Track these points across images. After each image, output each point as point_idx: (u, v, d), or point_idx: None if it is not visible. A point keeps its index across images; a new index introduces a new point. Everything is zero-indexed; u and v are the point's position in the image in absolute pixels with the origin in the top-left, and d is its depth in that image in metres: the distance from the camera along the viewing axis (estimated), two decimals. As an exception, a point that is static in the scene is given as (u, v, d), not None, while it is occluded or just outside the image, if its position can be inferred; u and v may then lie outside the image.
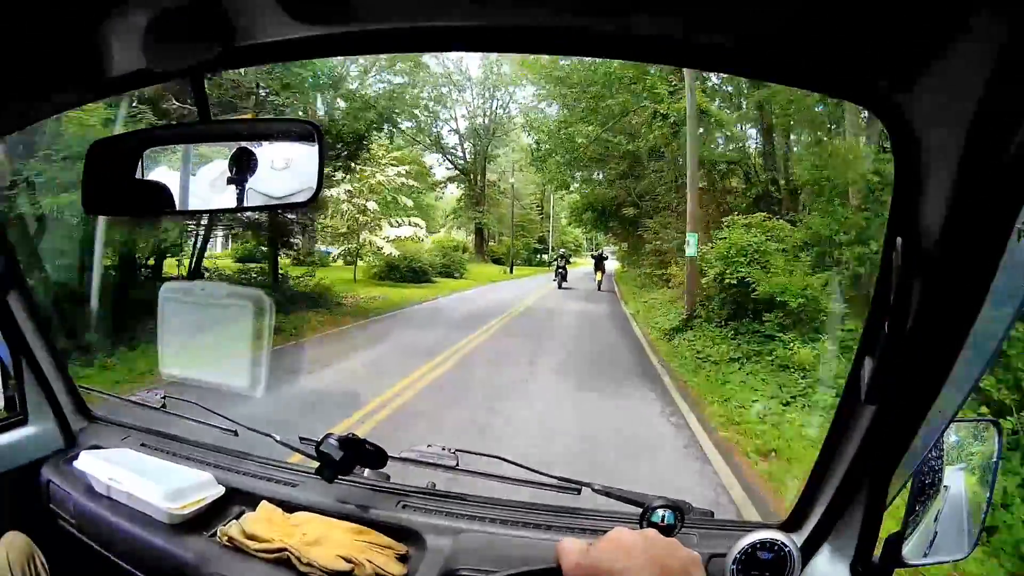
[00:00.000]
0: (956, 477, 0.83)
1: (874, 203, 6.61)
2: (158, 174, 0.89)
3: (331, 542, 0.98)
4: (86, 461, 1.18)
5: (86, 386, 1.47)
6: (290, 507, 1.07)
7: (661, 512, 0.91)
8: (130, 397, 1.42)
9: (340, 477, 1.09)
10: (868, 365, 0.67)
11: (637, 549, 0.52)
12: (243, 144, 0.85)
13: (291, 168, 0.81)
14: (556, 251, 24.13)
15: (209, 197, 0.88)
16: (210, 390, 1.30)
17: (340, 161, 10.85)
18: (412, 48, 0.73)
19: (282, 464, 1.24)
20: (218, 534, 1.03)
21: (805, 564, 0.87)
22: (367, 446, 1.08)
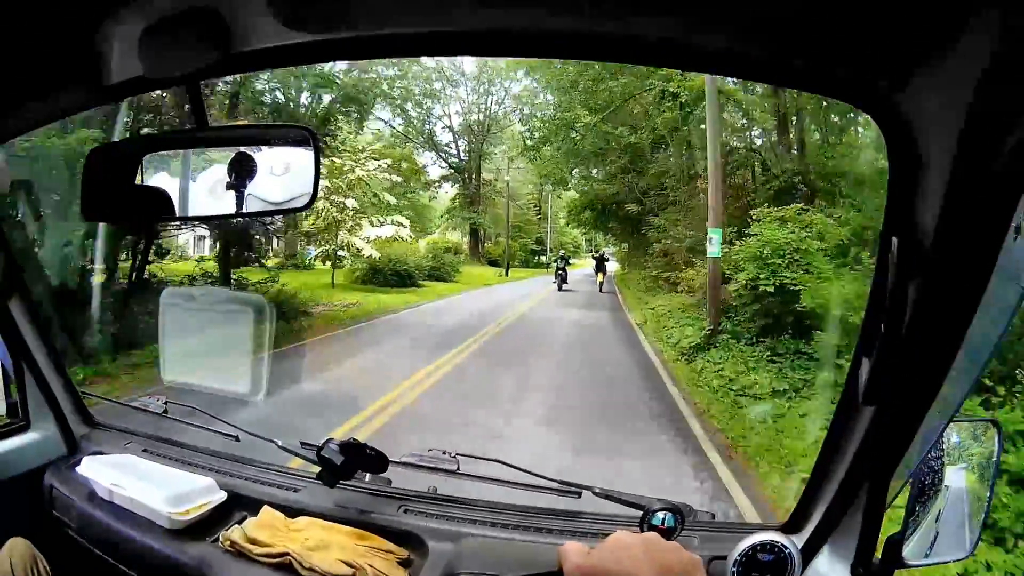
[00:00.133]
0: (956, 477, 0.82)
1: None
2: (157, 180, 0.89)
3: (333, 547, 0.98)
4: (88, 467, 1.18)
5: (88, 392, 1.47)
6: (292, 512, 1.08)
7: (661, 515, 0.91)
8: (132, 403, 1.42)
9: (341, 482, 1.09)
10: (866, 366, 0.67)
11: (638, 552, 0.52)
12: (242, 149, 0.85)
13: (291, 173, 0.82)
14: (556, 252, 23.84)
15: (208, 203, 0.89)
16: (211, 396, 1.30)
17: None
18: (408, 53, 0.73)
19: (283, 469, 1.24)
20: (220, 539, 1.03)
21: (806, 566, 0.87)
22: (368, 451, 1.08)
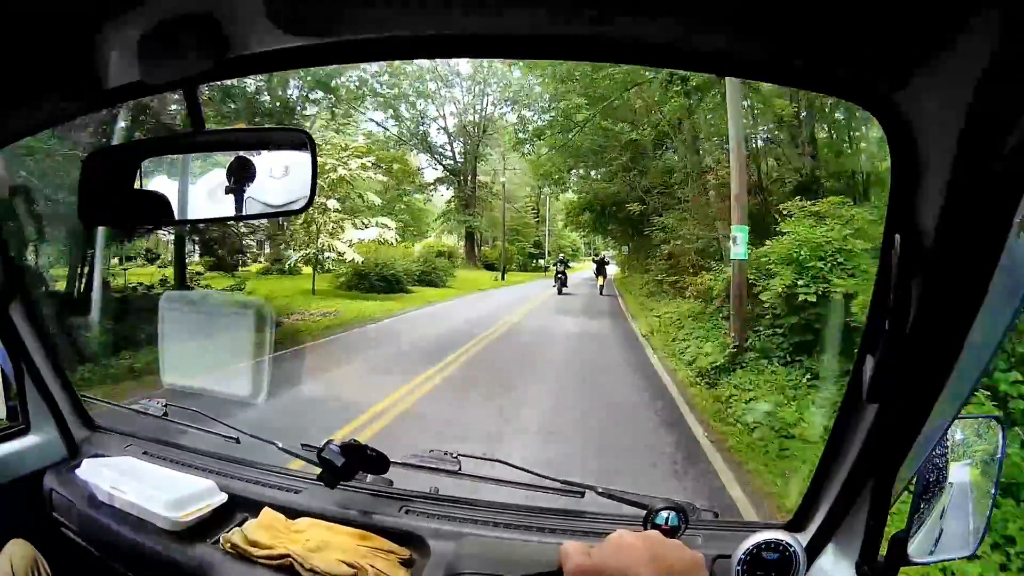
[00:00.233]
0: (961, 474, 0.82)
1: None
2: (155, 184, 0.89)
3: (334, 548, 0.97)
4: (88, 470, 1.18)
5: (88, 395, 1.47)
6: (292, 513, 1.07)
7: (665, 514, 0.91)
8: (132, 406, 1.42)
9: (342, 483, 1.09)
10: (869, 364, 0.67)
11: (640, 550, 0.52)
12: (241, 153, 0.85)
13: (289, 176, 0.81)
14: (555, 256, 23.65)
15: (207, 206, 0.89)
16: (211, 398, 1.30)
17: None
18: (407, 56, 0.73)
19: (284, 471, 1.24)
20: (221, 541, 1.03)
21: (810, 564, 0.86)
22: (369, 452, 1.08)
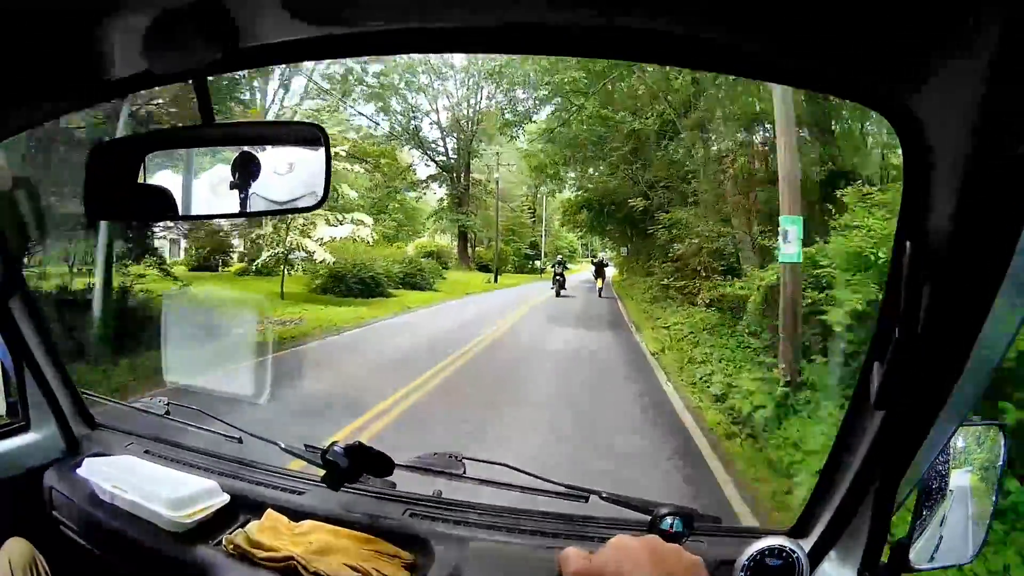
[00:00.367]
0: (962, 481, 0.83)
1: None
2: (161, 178, 0.88)
3: (338, 551, 0.97)
4: (89, 468, 1.17)
5: (89, 392, 1.46)
6: (296, 515, 1.07)
7: (669, 520, 0.91)
8: (133, 404, 1.41)
9: (346, 485, 1.08)
10: (877, 370, 0.67)
11: (640, 555, 0.52)
12: (246, 148, 0.84)
13: (296, 171, 0.81)
14: (552, 257, 23.25)
15: (212, 202, 0.88)
16: (213, 397, 1.29)
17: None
18: (416, 49, 0.73)
19: (287, 472, 1.23)
20: (223, 542, 1.02)
21: (813, 570, 0.87)
22: (373, 454, 1.07)
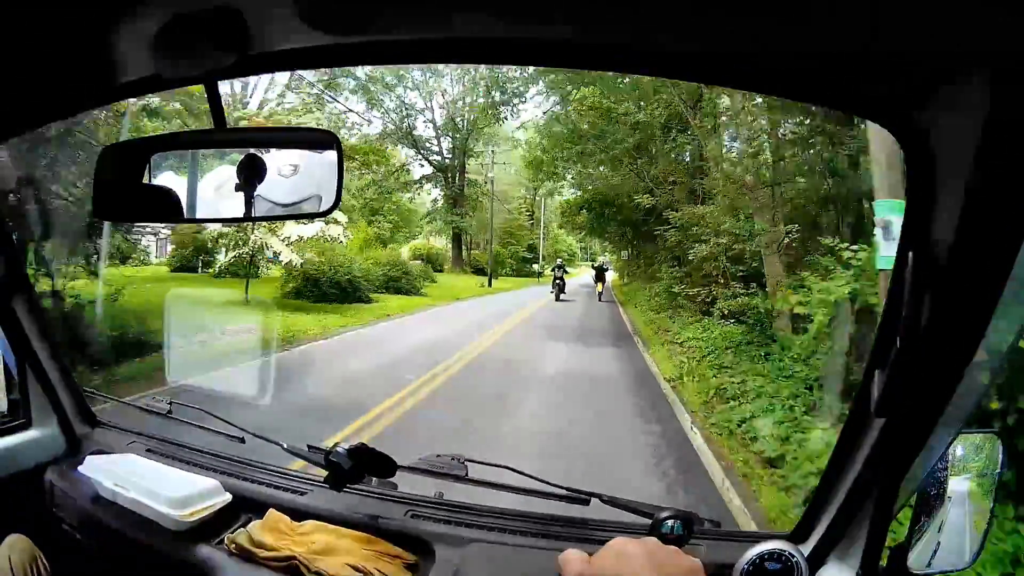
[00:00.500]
0: (960, 488, 0.84)
1: None
2: (166, 180, 0.88)
3: (340, 551, 0.97)
4: (91, 466, 1.17)
5: (91, 391, 1.46)
6: (298, 515, 1.07)
7: (670, 523, 0.91)
8: (136, 402, 1.41)
9: (348, 486, 1.09)
10: (878, 378, 0.68)
11: (638, 558, 0.53)
12: (251, 151, 0.84)
13: (307, 177, 0.81)
14: (551, 260, 23.03)
15: (217, 205, 0.88)
16: (216, 396, 1.29)
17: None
18: (429, 59, 0.73)
19: (289, 472, 1.23)
20: (225, 542, 1.02)
21: (812, 574, 0.87)
22: (375, 455, 1.08)
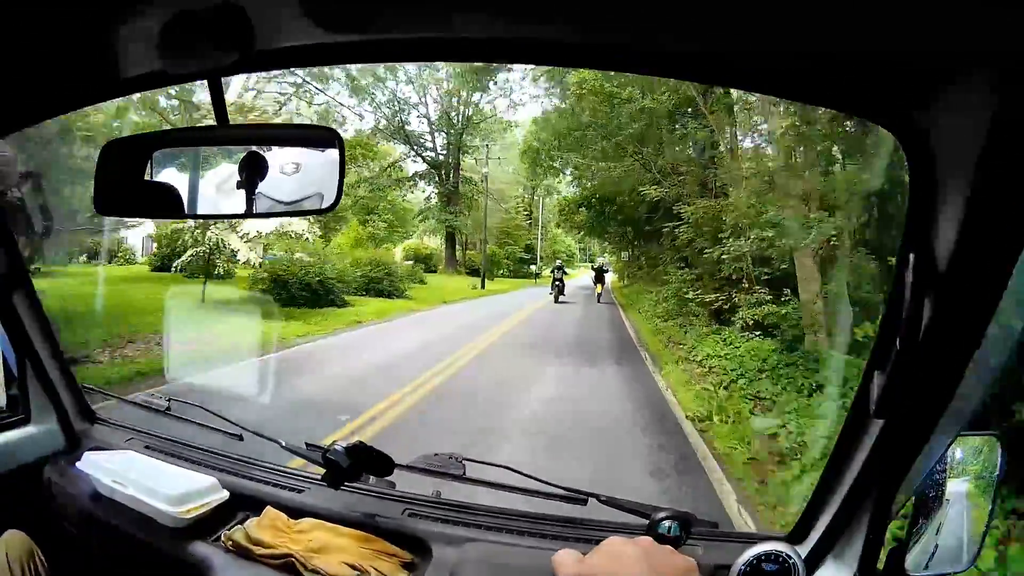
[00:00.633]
0: (959, 490, 0.84)
1: None
2: (167, 176, 0.88)
3: (337, 549, 0.97)
4: (89, 462, 1.17)
5: (90, 387, 1.46)
6: (295, 513, 1.07)
7: (667, 523, 0.91)
8: (134, 399, 1.41)
9: (346, 484, 1.08)
10: (878, 379, 0.68)
11: (632, 558, 0.53)
12: (254, 148, 0.84)
13: (309, 174, 0.81)
14: (551, 261, 22.72)
15: (218, 201, 0.88)
16: (215, 393, 1.29)
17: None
18: (433, 57, 0.74)
19: (287, 470, 1.23)
20: (222, 539, 1.02)
21: None
22: (374, 454, 1.08)
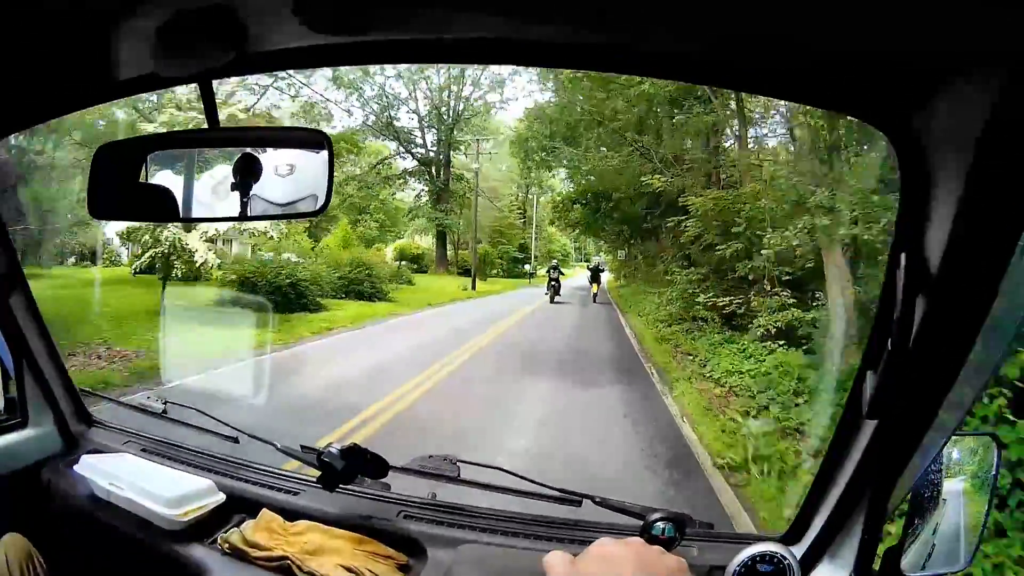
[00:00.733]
0: (955, 490, 0.83)
1: None
2: (163, 179, 0.88)
3: (332, 551, 0.98)
4: (87, 465, 1.17)
5: (88, 389, 1.46)
6: (291, 515, 1.07)
7: (661, 525, 0.90)
8: (131, 402, 1.41)
9: (341, 486, 1.08)
10: (870, 380, 0.68)
11: (622, 558, 0.52)
12: (248, 150, 0.84)
13: (304, 176, 0.81)
14: (546, 261, 22.39)
15: (213, 204, 0.88)
16: (211, 396, 1.29)
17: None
18: (424, 59, 0.74)
19: (283, 472, 1.23)
20: (218, 541, 1.03)
21: None
22: (368, 456, 1.08)
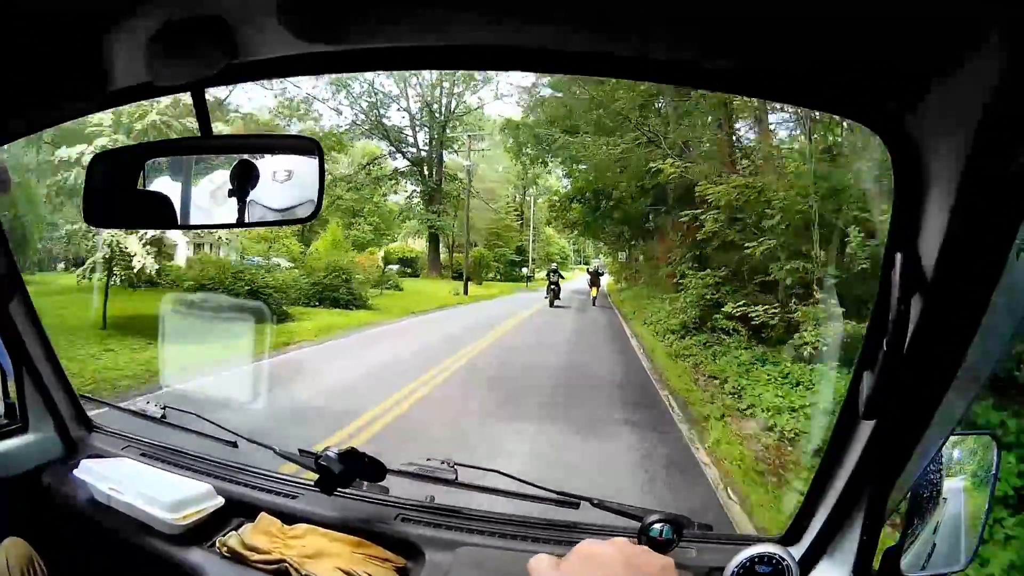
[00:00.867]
0: (954, 490, 0.83)
1: None
2: (159, 187, 0.89)
3: (330, 555, 0.98)
4: (86, 470, 1.18)
5: (87, 395, 1.47)
6: (289, 519, 1.07)
7: (659, 526, 0.90)
8: (131, 407, 1.42)
9: (339, 490, 1.09)
10: (867, 380, 0.67)
11: (608, 559, 0.52)
12: (245, 156, 0.85)
13: (301, 182, 0.81)
14: (545, 263, 22.10)
15: (210, 211, 0.89)
16: (210, 401, 1.29)
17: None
18: (413, 66, 0.74)
19: (281, 476, 1.24)
20: (217, 545, 1.03)
21: None
22: (366, 459, 1.08)
